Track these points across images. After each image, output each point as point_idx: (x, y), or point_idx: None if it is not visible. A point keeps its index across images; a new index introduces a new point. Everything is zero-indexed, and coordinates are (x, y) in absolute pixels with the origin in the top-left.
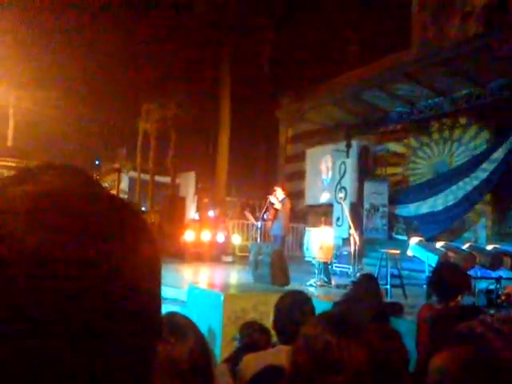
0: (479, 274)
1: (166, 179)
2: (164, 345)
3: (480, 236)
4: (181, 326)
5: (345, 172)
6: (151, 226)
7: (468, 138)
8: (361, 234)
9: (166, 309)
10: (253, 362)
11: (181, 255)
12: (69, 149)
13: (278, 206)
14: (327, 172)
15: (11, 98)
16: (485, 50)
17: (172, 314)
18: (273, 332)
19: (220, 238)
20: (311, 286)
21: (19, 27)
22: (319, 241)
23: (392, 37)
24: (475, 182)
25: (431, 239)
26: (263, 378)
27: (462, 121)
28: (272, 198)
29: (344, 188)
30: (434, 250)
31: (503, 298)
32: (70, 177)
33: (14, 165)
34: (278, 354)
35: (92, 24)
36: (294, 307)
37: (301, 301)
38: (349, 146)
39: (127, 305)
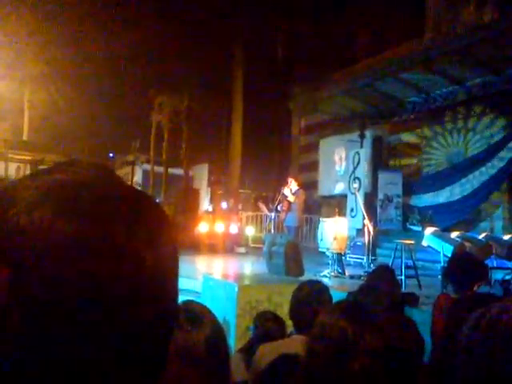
0: (495, 264)
1: (180, 171)
2: (180, 332)
3: (496, 226)
4: (197, 313)
5: (359, 162)
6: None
7: (484, 127)
8: (374, 225)
9: (180, 299)
10: (268, 352)
11: (195, 246)
12: (83, 142)
13: (291, 198)
14: (341, 163)
15: (26, 91)
16: (500, 36)
17: (188, 302)
18: (287, 322)
19: (233, 229)
20: (325, 276)
21: (33, 22)
22: (333, 231)
23: (406, 25)
24: (491, 172)
25: (446, 229)
26: (278, 367)
27: (478, 109)
28: (285, 190)
29: (358, 178)
30: (449, 240)
31: None
32: (96, 170)
33: (29, 158)
34: (294, 344)
35: (105, 18)
36: (312, 297)
37: (318, 290)
38: (362, 136)
39: (149, 289)
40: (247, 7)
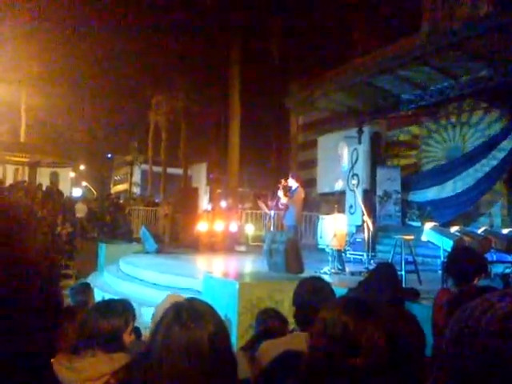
0: (495, 258)
1: (178, 171)
2: (184, 329)
3: (495, 220)
4: (200, 311)
5: (357, 159)
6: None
7: (481, 122)
8: (374, 221)
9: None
10: (270, 348)
11: (194, 245)
12: (81, 143)
13: (283, 200)
14: (344, 159)
15: (23, 94)
16: (497, 30)
17: (191, 300)
18: (289, 319)
19: (233, 227)
20: (325, 273)
21: (29, 25)
22: (333, 228)
23: (402, 20)
24: (488, 168)
25: (446, 224)
26: (281, 364)
27: (475, 104)
28: (279, 193)
29: (356, 175)
30: (448, 235)
31: None
32: None
33: (26, 160)
34: (296, 340)
35: (102, 20)
36: (315, 293)
37: (321, 287)
38: (360, 132)
39: None
40: (243, 6)
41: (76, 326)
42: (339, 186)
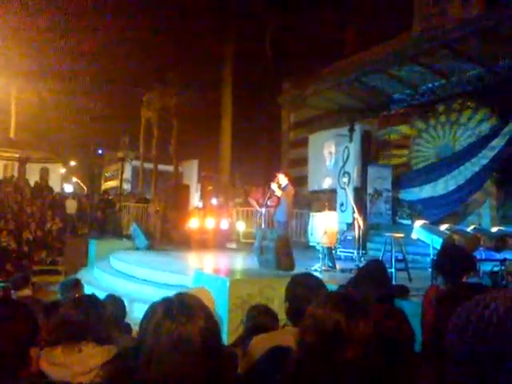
0: (484, 256)
1: (169, 168)
2: (175, 324)
3: (484, 219)
4: (191, 305)
5: (348, 157)
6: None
7: (472, 121)
8: (364, 219)
9: (173, 294)
10: (261, 344)
11: (186, 243)
12: (71, 139)
13: (278, 193)
14: (330, 157)
15: (13, 89)
16: (488, 30)
17: (182, 294)
18: (280, 317)
19: (224, 225)
20: (316, 270)
21: (20, 20)
22: (323, 226)
23: (394, 20)
24: (478, 167)
25: (436, 223)
26: (271, 358)
27: (466, 104)
28: (273, 186)
29: (347, 173)
30: (438, 233)
31: (510, 278)
32: None
33: (16, 155)
34: (287, 335)
35: (93, 14)
36: (307, 288)
37: (314, 282)
38: (352, 130)
39: None
40: (236, 4)
41: (58, 321)
42: (328, 183)
